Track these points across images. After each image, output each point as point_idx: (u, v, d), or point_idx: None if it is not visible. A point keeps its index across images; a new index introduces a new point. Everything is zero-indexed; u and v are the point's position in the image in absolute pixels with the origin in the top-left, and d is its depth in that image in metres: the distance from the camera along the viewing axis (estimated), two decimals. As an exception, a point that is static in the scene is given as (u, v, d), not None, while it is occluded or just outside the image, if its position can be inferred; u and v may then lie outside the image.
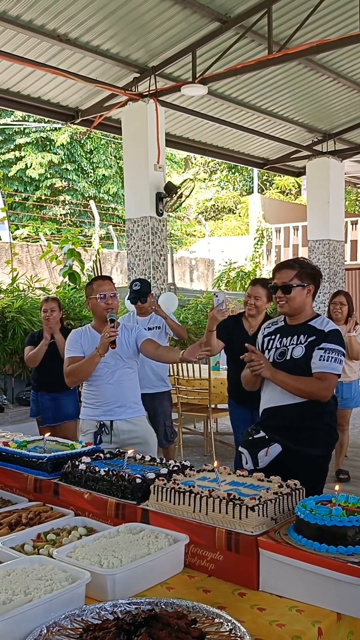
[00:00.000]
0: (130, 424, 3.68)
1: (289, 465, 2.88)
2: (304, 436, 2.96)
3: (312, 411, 2.97)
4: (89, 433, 3.68)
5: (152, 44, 7.70)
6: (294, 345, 3.02)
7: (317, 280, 3.11)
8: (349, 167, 14.28)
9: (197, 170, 24.61)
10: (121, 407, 3.66)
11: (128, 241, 8.56)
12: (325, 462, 3.07)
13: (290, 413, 2.99)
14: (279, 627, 1.68)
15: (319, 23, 7.73)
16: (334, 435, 3.11)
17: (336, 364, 2.92)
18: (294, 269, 3.05)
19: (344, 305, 5.90)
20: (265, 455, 2.96)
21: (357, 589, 1.71)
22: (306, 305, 3.07)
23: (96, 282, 3.71)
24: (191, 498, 2.08)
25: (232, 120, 10.09)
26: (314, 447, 2.96)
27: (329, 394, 2.95)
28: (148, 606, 1.72)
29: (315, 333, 3.00)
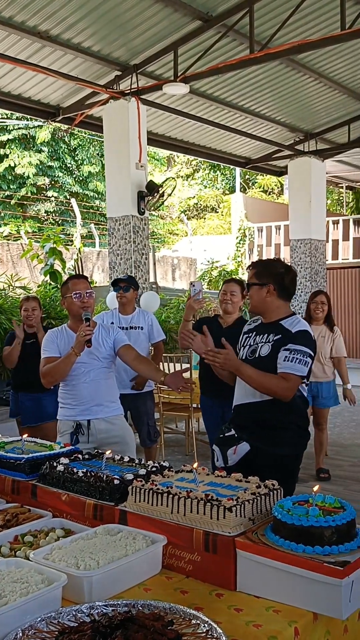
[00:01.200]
0: (108, 424, 3.65)
1: (257, 464, 2.90)
2: (271, 435, 2.97)
3: (279, 410, 2.96)
4: (66, 433, 3.65)
5: (133, 42, 7.68)
6: (263, 343, 3.04)
7: (279, 278, 3.06)
8: (331, 167, 14.37)
9: (180, 168, 24.60)
10: (98, 406, 3.62)
11: (110, 240, 8.53)
12: (292, 463, 3.05)
13: (257, 410, 2.99)
14: (256, 627, 1.68)
15: (301, 23, 7.75)
16: (303, 435, 3.10)
17: (300, 365, 2.89)
18: (255, 268, 3.13)
19: (325, 304, 5.93)
20: (233, 454, 2.98)
21: (333, 589, 1.72)
22: (268, 304, 3.07)
23: (71, 281, 3.68)
24: (169, 499, 2.07)
25: (214, 119, 10.09)
26: (280, 447, 2.96)
27: (290, 395, 2.92)
28: (125, 608, 1.71)
29: (283, 332, 2.99)
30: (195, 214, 24.95)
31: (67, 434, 3.62)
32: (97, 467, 2.49)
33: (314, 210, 11.62)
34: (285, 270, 3.11)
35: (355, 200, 19.25)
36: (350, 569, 1.73)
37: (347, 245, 14.83)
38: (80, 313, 3.58)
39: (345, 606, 1.73)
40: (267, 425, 2.98)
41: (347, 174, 16.36)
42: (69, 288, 3.64)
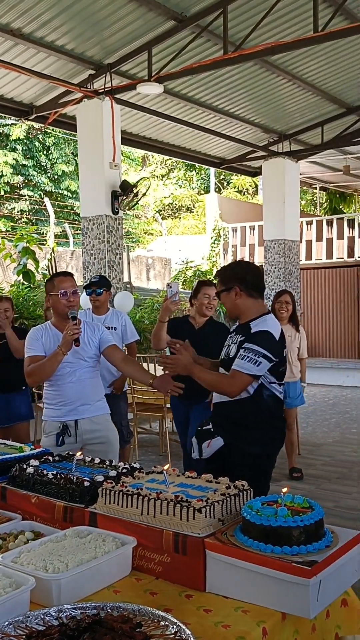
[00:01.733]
0: (93, 423, 3.62)
1: (230, 460, 2.99)
2: (243, 433, 3.02)
3: (249, 410, 3.01)
4: (51, 434, 3.59)
5: (107, 40, 7.65)
6: (234, 344, 3.10)
7: (241, 277, 3.10)
8: (304, 168, 14.49)
9: (155, 167, 24.57)
10: (84, 406, 3.59)
11: (83, 240, 8.49)
12: (264, 462, 3.09)
13: (229, 409, 3.06)
14: (224, 628, 1.69)
15: (274, 24, 7.80)
16: (276, 436, 3.13)
17: (249, 364, 2.91)
18: (218, 276, 3.23)
19: (289, 304, 5.97)
20: (207, 447, 3.04)
21: (301, 589, 1.73)
22: (240, 306, 3.10)
23: (57, 279, 3.62)
24: (139, 500, 2.07)
25: (189, 120, 10.10)
26: (251, 445, 3.00)
27: (235, 390, 2.96)
28: (94, 610, 1.70)
29: (246, 333, 3.04)
30: (170, 213, 24.95)
31: (53, 435, 3.57)
32: (68, 469, 2.48)
33: (288, 211, 11.70)
34: (246, 268, 3.16)
35: (329, 201, 19.43)
36: (317, 569, 1.75)
37: (321, 245, 14.95)
38: (65, 311, 3.53)
39: (313, 605, 1.74)
40: (240, 424, 3.03)
41: (320, 175, 16.51)
42: (54, 285, 3.58)
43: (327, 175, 16.67)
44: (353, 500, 5.27)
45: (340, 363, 12.37)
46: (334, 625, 2.00)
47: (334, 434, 8.00)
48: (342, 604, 2.03)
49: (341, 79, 9.84)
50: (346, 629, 2.04)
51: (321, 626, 1.92)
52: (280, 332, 3.08)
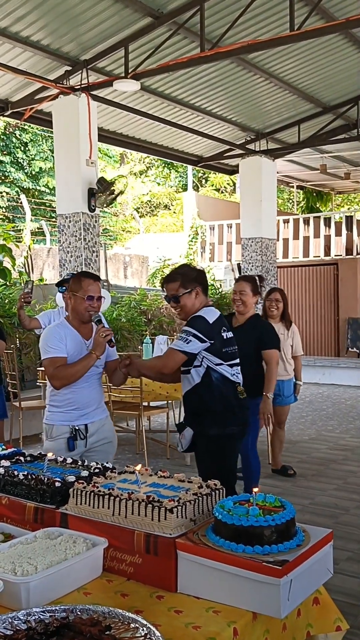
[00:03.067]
0: (100, 426, 3.60)
1: (199, 446, 3.37)
2: (202, 419, 3.35)
3: (199, 396, 3.34)
4: (60, 438, 3.49)
5: (83, 36, 7.60)
6: None
7: (201, 279, 3.44)
8: (281, 167, 14.54)
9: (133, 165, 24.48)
10: (95, 410, 3.57)
11: (60, 237, 8.43)
12: (226, 441, 3.37)
13: (187, 400, 3.40)
14: (195, 629, 1.68)
15: (251, 23, 7.81)
16: (231, 417, 3.37)
17: (180, 342, 3.26)
18: (176, 280, 3.38)
19: (280, 302, 5.91)
20: (182, 439, 3.40)
21: (271, 588, 1.73)
22: (196, 305, 3.40)
23: (86, 281, 3.49)
24: (110, 501, 2.05)
25: (166, 117, 10.08)
26: (210, 427, 3.32)
27: (168, 365, 3.30)
28: (63, 614, 1.68)
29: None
30: (148, 211, 24.89)
31: (62, 438, 3.49)
32: (39, 469, 2.45)
33: (265, 209, 11.73)
34: (202, 272, 3.51)
35: (306, 199, 19.53)
36: (288, 568, 1.75)
37: (297, 244, 15.03)
38: (86, 315, 3.46)
39: (283, 605, 1.74)
40: (199, 410, 3.36)
41: (297, 173, 16.58)
42: (81, 287, 3.47)
43: (304, 174, 16.75)
44: (329, 497, 5.30)
45: (317, 361, 12.43)
46: (305, 624, 2.00)
47: (310, 431, 8.04)
48: (313, 602, 2.04)
49: (317, 78, 9.89)
50: (318, 628, 2.04)
51: (292, 625, 1.93)
52: (217, 318, 3.36)
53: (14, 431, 7.19)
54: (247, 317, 4.81)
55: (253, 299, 4.77)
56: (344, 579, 3.76)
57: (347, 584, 3.69)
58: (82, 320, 3.50)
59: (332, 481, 5.78)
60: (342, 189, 19.99)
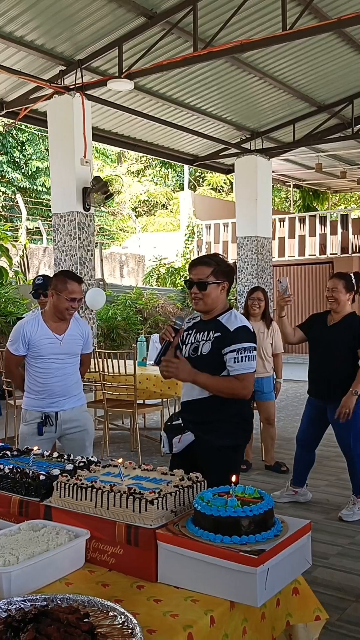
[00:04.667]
0: (72, 414, 3.80)
1: (200, 454, 3.04)
2: (212, 428, 3.05)
3: (218, 406, 3.05)
4: (32, 423, 3.77)
5: (78, 36, 7.63)
6: (204, 341, 3.08)
7: (231, 277, 3.16)
8: (277, 166, 14.58)
9: (130, 164, 24.49)
10: (66, 399, 3.78)
11: (54, 236, 8.46)
12: (233, 453, 3.13)
13: (199, 407, 3.09)
14: (172, 617, 1.71)
15: (244, 22, 7.84)
16: (245, 427, 3.18)
17: (250, 362, 3.01)
18: (210, 266, 3.07)
19: (262, 300, 5.99)
20: (178, 442, 3.08)
21: (248, 577, 1.76)
22: (220, 301, 3.11)
23: (70, 283, 3.71)
24: (93, 493, 2.08)
25: (161, 116, 10.10)
26: (221, 439, 3.03)
27: (249, 393, 3.05)
28: (44, 602, 1.71)
29: (221, 330, 3.04)
30: (145, 210, 24.91)
31: (34, 423, 3.76)
32: (25, 463, 2.48)
33: (260, 208, 11.76)
34: (233, 268, 3.23)
35: (302, 198, 19.56)
36: (265, 557, 1.77)
37: (293, 242, 15.06)
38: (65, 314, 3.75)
39: (260, 594, 1.77)
40: (209, 420, 3.06)
41: (293, 172, 16.61)
42: (66, 288, 3.70)
43: (299, 173, 16.78)
44: (322, 494, 5.33)
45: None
46: (284, 613, 2.03)
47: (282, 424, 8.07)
48: (293, 592, 2.06)
49: (311, 77, 9.92)
50: (297, 617, 2.07)
51: (271, 614, 1.95)
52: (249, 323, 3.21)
53: (9, 429, 7.21)
54: (342, 315, 4.66)
55: (346, 296, 4.60)
56: (333, 573, 3.80)
57: (336, 578, 3.72)
58: (61, 318, 3.77)
59: (325, 477, 5.81)
60: (339, 188, 20.02)
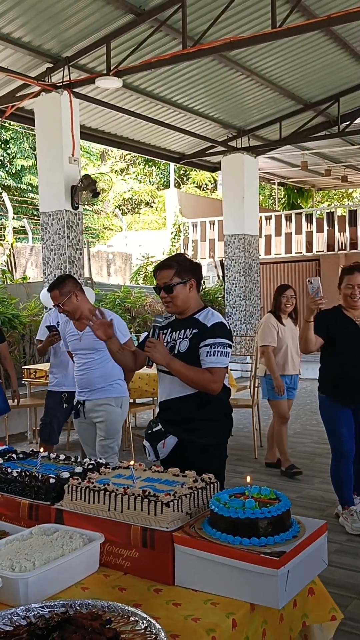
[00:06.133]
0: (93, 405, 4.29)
1: (185, 455, 3.01)
2: (194, 427, 3.04)
3: (197, 403, 3.03)
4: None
5: (65, 33, 7.56)
6: (181, 339, 3.07)
7: (198, 274, 3.15)
8: (263, 164, 14.60)
9: (114, 162, 24.41)
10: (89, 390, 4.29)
11: (43, 235, 8.40)
12: (218, 450, 3.13)
13: (180, 405, 3.06)
14: (194, 621, 1.69)
15: (233, 20, 7.83)
16: (227, 424, 3.19)
17: (223, 357, 2.98)
18: (172, 267, 3.07)
19: (294, 297, 5.90)
20: (163, 447, 3.06)
21: (269, 579, 1.75)
22: (191, 299, 3.11)
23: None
24: (106, 496, 2.06)
25: (148, 114, 10.07)
26: (204, 437, 3.03)
27: (218, 387, 3.00)
28: (62, 608, 1.68)
29: (199, 327, 3.04)
30: (130, 208, 24.84)
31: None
32: (32, 466, 2.44)
33: (247, 206, 11.77)
34: (197, 263, 3.22)
35: (287, 196, 19.61)
36: (285, 559, 1.76)
37: (279, 240, 15.10)
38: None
39: (281, 596, 1.76)
40: (192, 418, 3.05)
41: (279, 170, 16.66)
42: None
43: (285, 171, 16.84)
44: (315, 491, 5.35)
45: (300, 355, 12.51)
46: (301, 614, 2.02)
47: (294, 425, 8.09)
48: (309, 593, 2.06)
49: (298, 75, 9.94)
50: (313, 618, 2.07)
51: (289, 616, 1.95)
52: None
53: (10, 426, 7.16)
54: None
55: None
56: (333, 570, 3.80)
57: (336, 576, 3.73)
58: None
59: (318, 474, 5.83)
60: (323, 186, 20.11)
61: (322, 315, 4.17)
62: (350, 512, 4.41)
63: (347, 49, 9.32)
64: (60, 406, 5.40)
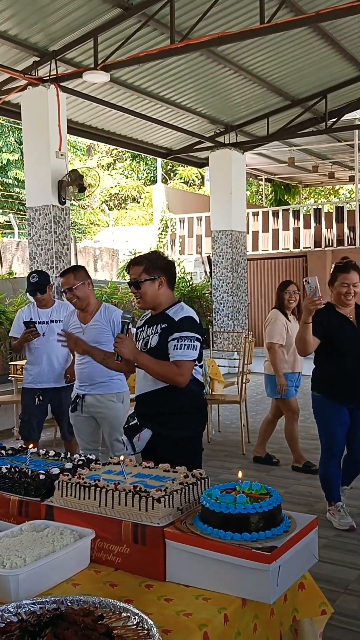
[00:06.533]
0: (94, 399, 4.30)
1: (159, 448, 3.06)
2: (167, 420, 3.09)
3: (171, 397, 3.07)
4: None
5: (52, 27, 7.51)
6: (152, 334, 3.12)
7: (168, 271, 3.19)
8: (250, 159, 14.60)
9: (101, 157, 24.32)
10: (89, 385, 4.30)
11: (29, 230, 8.34)
12: (192, 443, 3.16)
13: (153, 399, 3.12)
14: (186, 616, 1.69)
15: (221, 15, 7.82)
16: (200, 417, 3.23)
17: (190, 351, 3.01)
18: (142, 264, 3.13)
19: (297, 293, 5.79)
20: (138, 441, 3.12)
21: (260, 574, 1.75)
22: (161, 296, 3.15)
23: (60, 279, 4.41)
24: (97, 492, 2.05)
25: (135, 109, 10.03)
26: (178, 430, 3.07)
27: (184, 380, 3.02)
28: (54, 605, 1.68)
29: (168, 321, 3.09)
30: (116, 204, 24.75)
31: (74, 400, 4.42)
32: (22, 462, 2.43)
33: (235, 202, 11.77)
34: (170, 262, 3.27)
35: (274, 192, 19.64)
36: (277, 554, 1.77)
37: (267, 236, 15.11)
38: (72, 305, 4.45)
39: (272, 590, 1.76)
40: (165, 412, 3.10)
41: (266, 166, 16.67)
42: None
43: (272, 167, 16.85)
44: (303, 486, 5.37)
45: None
46: (291, 608, 2.03)
47: (282, 421, 8.11)
48: (299, 587, 2.07)
49: (286, 72, 9.95)
50: (303, 612, 2.07)
51: (279, 610, 1.95)
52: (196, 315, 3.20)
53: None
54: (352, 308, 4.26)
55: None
56: (321, 565, 3.81)
57: (324, 571, 3.74)
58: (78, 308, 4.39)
59: (306, 470, 5.85)
60: (310, 182, 20.17)
61: (317, 315, 4.03)
62: (337, 507, 4.44)
63: (335, 46, 9.35)
64: (35, 403, 5.31)
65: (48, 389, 5.23)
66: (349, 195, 22.50)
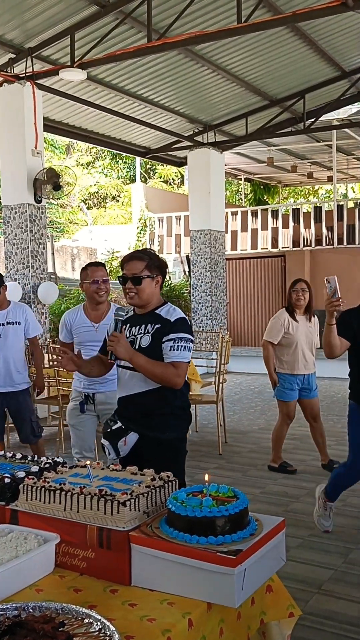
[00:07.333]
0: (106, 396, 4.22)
1: (146, 451, 3.00)
2: (155, 422, 3.04)
3: (159, 398, 3.03)
4: (74, 400, 4.35)
5: (28, 24, 7.44)
6: (142, 334, 3.06)
7: (164, 272, 3.17)
8: (229, 159, 14.62)
9: (80, 155, 24.18)
10: (101, 382, 4.20)
11: (5, 229, 8.27)
12: (179, 444, 3.15)
13: (141, 400, 3.06)
14: (150, 621, 1.67)
15: (198, 14, 7.80)
16: (186, 418, 3.21)
17: (186, 352, 3.00)
18: (144, 260, 3.07)
19: (306, 291, 5.59)
20: (124, 445, 3.04)
21: (226, 578, 1.73)
22: (154, 295, 3.11)
23: (90, 268, 4.23)
24: (62, 496, 2.02)
25: (113, 108, 9.98)
26: (166, 432, 3.04)
27: (182, 381, 3.01)
28: (15, 612, 1.65)
29: (161, 321, 3.04)
30: (95, 203, 24.65)
31: (76, 401, 4.33)
32: (-12, 465, 2.39)
33: (213, 201, 11.77)
34: (165, 262, 3.24)
35: (253, 192, 19.69)
36: (242, 558, 1.75)
37: (245, 236, 15.15)
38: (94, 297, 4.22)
39: (238, 594, 1.74)
40: (153, 413, 3.05)
41: (245, 166, 16.70)
42: (87, 274, 4.21)
43: (251, 167, 16.89)
44: (278, 486, 5.37)
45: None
46: (259, 611, 2.02)
47: (259, 421, 8.13)
48: (267, 590, 2.05)
49: (264, 71, 9.97)
50: (271, 615, 2.06)
51: (246, 613, 1.94)
52: None
53: None
54: None
55: None
56: (295, 565, 3.82)
57: (298, 571, 3.74)
58: (94, 303, 4.26)
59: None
60: (289, 182, 20.24)
61: (345, 316, 3.83)
62: (328, 506, 4.35)
63: (313, 46, 9.38)
64: None
65: (4, 393, 5.10)
66: (328, 196, 22.63)
